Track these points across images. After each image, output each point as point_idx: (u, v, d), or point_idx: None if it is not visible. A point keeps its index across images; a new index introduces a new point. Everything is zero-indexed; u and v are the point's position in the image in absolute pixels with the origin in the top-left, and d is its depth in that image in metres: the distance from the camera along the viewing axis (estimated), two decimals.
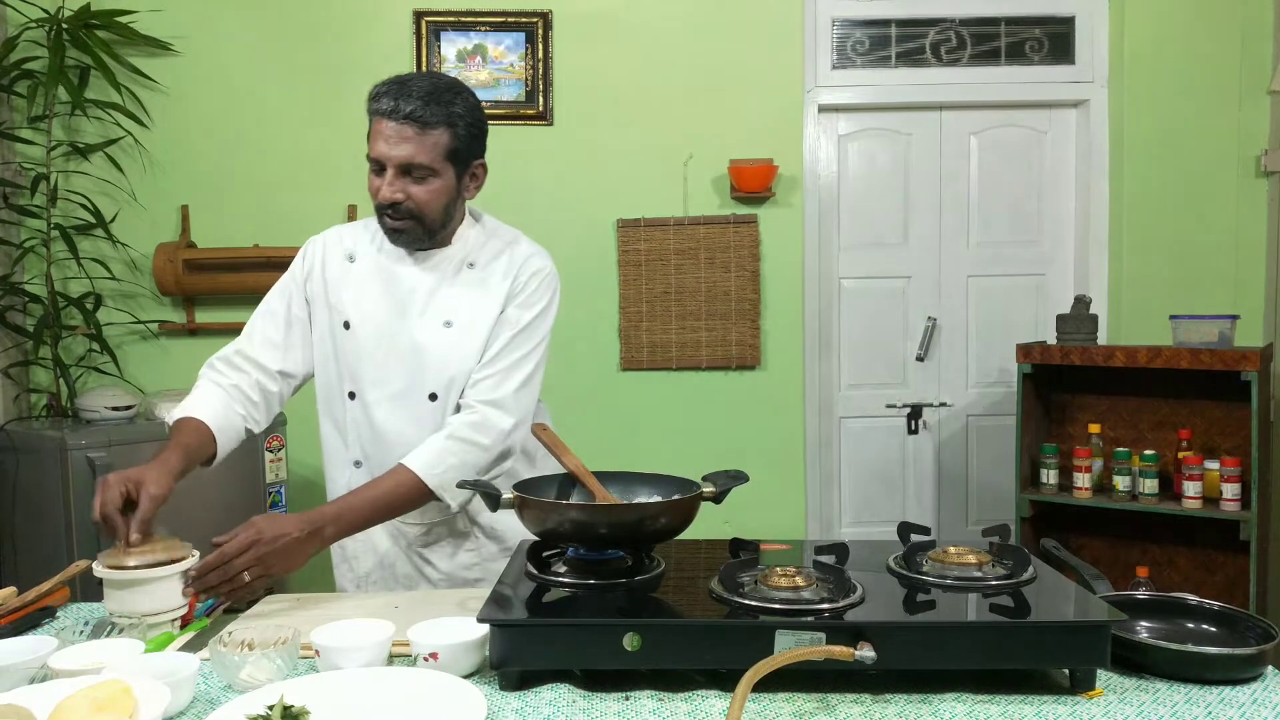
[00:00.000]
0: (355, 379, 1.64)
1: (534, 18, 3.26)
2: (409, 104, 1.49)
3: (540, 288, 1.66)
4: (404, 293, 1.63)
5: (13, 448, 2.73)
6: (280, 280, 1.73)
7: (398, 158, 1.51)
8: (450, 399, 1.63)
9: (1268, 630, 1.16)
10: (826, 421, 3.47)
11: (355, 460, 1.68)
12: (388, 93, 1.51)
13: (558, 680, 1.12)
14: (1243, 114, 3.28)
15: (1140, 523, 2.99)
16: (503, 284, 1.64)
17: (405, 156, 1.51)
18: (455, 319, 1.63)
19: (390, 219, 1.56)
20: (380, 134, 1.51)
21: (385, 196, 1.53)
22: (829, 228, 3.44)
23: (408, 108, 1.49)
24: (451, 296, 1.64)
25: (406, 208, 1.54)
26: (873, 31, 3.39)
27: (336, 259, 1.68)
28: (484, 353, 1.62)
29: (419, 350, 1.62)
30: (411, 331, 1.62)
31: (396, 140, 1.50)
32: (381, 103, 1.51)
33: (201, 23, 3.20)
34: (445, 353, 1.62)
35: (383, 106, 1.51)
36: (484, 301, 1.64)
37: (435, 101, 1.51)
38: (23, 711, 0.98)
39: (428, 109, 1.50)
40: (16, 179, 3.11)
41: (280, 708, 0.99)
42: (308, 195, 3.25)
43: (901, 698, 1.08)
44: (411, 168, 1.52)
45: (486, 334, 1.63)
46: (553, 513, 1.29)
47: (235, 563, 1.34)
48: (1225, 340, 2.80)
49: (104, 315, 3.15)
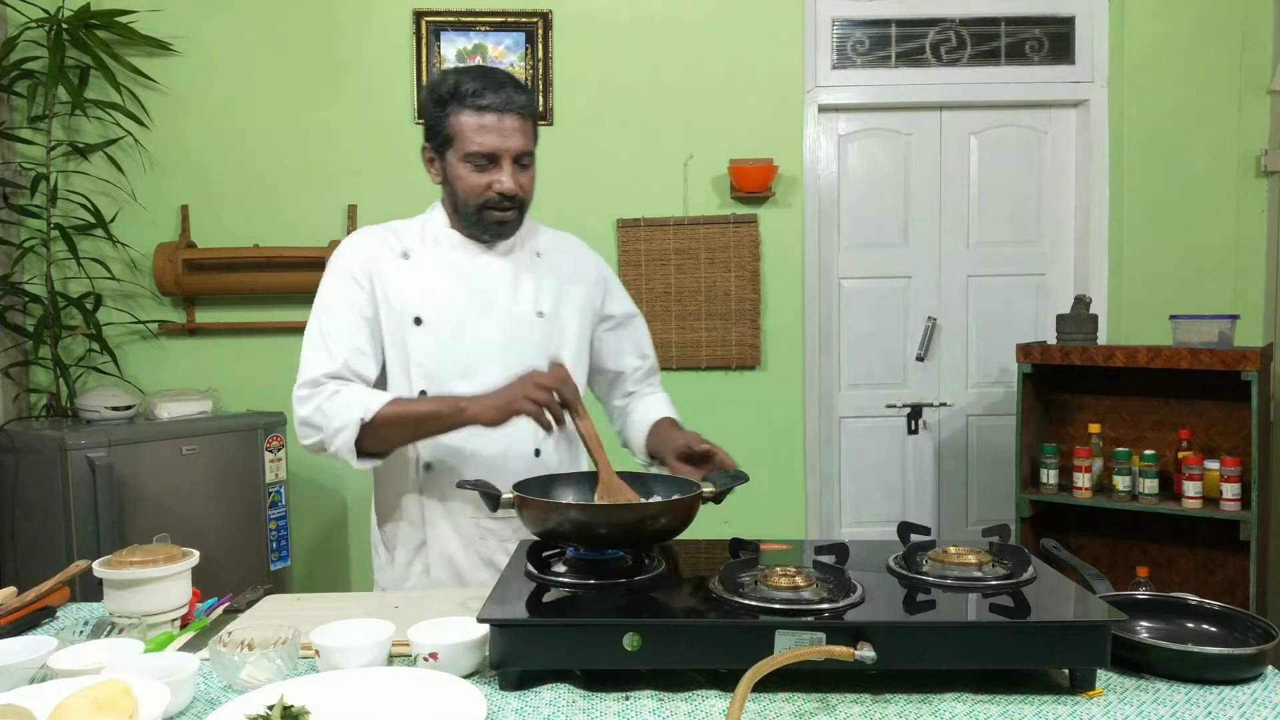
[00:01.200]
0: (430, 377, 1.58)
1: (534, 18, 3.26)
2: (519, 95, 1.53)
3: (615, 276, 1.84)
4: (484, 283, 1.61)
5: (13, 448, 2.73)
6: (330, 288, 1.61)
7: (514, 148, 1.54)
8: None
9: (1268, 630, 1.16)
10: (826, 421, 3.47)
11: (426, 463, 1.62)
12: (486, 87, 1.52)
13: (558, 680, 1.12)
14: (1243, 114, 3.28)
15: (1140, 523, 2.99)
16: (578, 278, 1.72)
17: (520, 146, 1.55)
18: (545, 309, 1.64)
19: (504, 211, 1.57)
20: (487, 128, 1.52)
21: (509, 188, 1.54)
22: (829, 228, 3.44)
23: (520, 98, 1.53)
24: (535, 286, 1.65)
25: (519, 198, 1.57)
26: (873, 31, 3.39)
27: (387, 258, 1.62)
28: (616, 353, 1.78)
29: (510, 342, 1.59)
30: (500, 322, 1.60)
31: (510, 131, 1.53)
32: (485, 98, 1.51)
33: (201, 23, 3.20)
34: (541, 341, 1.62)
35: (488, 101, 1.51)
36: (567, 293, 1.68)
37: (526, 91, 1.56)
38: (23, 711, 0.98)
39: (529, 99, 1.55)
40: (16, 179, 3.11)
41: (280, 708, 0.99)
42: (308, 195, 3.25)
43: (901, 698, 1.08)
44: (522, 156, 1.55)
45: (575, 327, 1.68)
46: (553, 513, 1.29)
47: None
48: (1225, 340, 2.80)
49: (104, 315, 3.15)
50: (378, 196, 3.24)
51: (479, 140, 1.52)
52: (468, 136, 1.53)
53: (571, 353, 1.67)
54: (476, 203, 1.57)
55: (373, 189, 3.25)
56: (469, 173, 1.55)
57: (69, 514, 2.56)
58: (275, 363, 3.26)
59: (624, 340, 1.81)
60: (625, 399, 1.83)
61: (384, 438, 1.53)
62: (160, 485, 2.72)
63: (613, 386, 1.84)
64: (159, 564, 1.31)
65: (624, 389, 1.83)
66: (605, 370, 1.81)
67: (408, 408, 1.52)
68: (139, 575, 1.29)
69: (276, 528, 2.95)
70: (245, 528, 2.88)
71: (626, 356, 1.81)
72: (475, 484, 1.36)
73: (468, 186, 1.56)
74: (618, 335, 1.80)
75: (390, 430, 1.51)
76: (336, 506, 3.33)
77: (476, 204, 1.57)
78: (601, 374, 1.82)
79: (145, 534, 2.62)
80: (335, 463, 3.63)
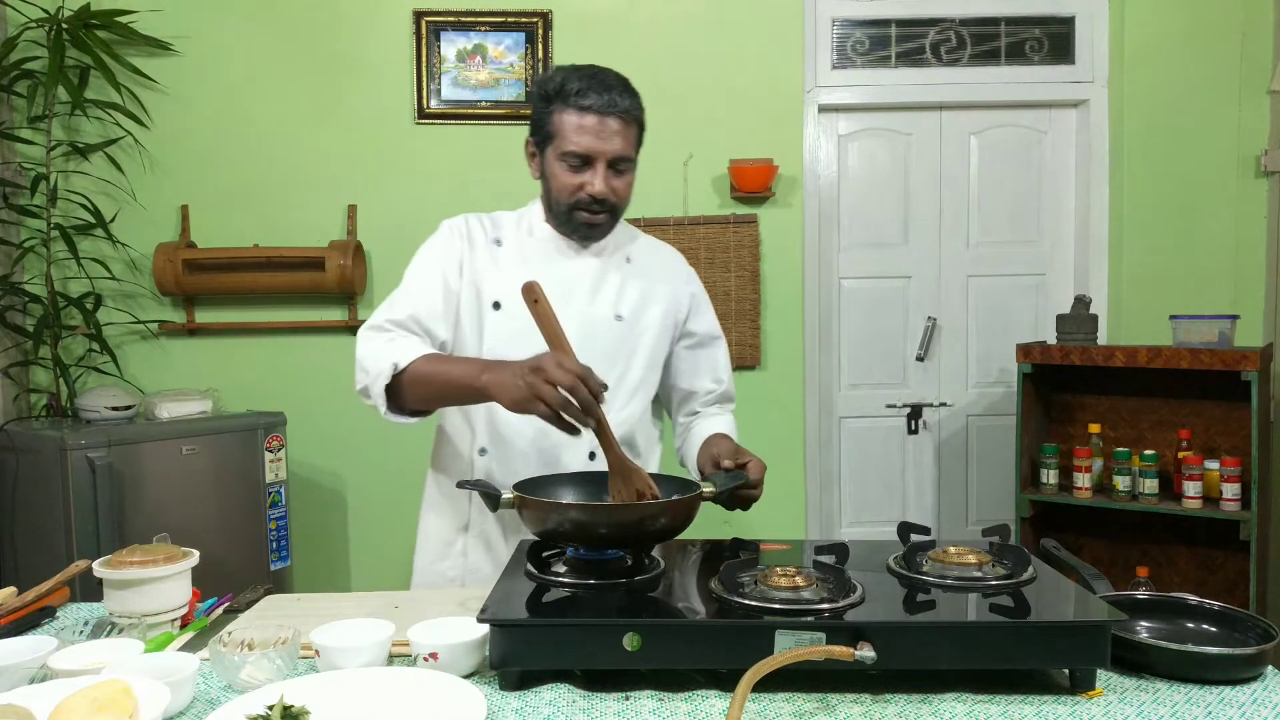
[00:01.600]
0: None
1: (534, 18, 3.26)
2: (624, 98, 1.52)
3: (706, 295, 1.82)
4: (568, 277, 1.61)
5: (13, 448, 2.73)
6: (425, 255, 1.64)
7: (611, 151, 1.53)
8: (618, 395, 1.61)
9: (1268, 630, 1.16)
10: (826, 421, 3.47)
11: (481, 447, 1.63)
12: (591, 87, 1.51)
13: (558, 680, 1.12)
14: (1243, 114, 3.28)
15: (1140, 523, 3.00)
16: (666, 288, 1.70)
17: (618, 150, 1.53)
18: (625, 313, 1.63)
19: (594, 213, 1.56)
20: (586, 129, 1.51)
21: (600, 191, 1.54)
22: (829, 228, 3.44)
23: (624, 102, 1.52)
24: (618, 289, 1.64)
25: (610, 203, 1.56)
26: (873, 31, 3.39)
27: (482, 241, 1.65)
28: (695, 369, 1.76)
29: (587, 338, 1.57)
30: (579, 316, 1.59)
31: (609, 134, 1.52)
32: (589, 98, 1.50)
33: (201, 23, 3.20)
34: (615, 346, 1.62)
35: (591, 102, 1.50)
36: (650, 300, 1.66)
37: (632, 94, 1.55)
38: (23, 711, 0.98)
39: (633, 103, 1.54)
40: (16, 179, 3.11)
41: (280, 708, 0.99)
42: (308, 195, 3.25)
43: (901, 698, 1.08)
44: (619, 160, 1.54)
45: (653, 335, 1.66)
46: (553, 513, 1.29)
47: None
48: (1225, 340, 2.80)
49: (104, 315, 3.15)
50: (378, 196, 3.24)
51: (576, 140, 1.52)
52: (566, 135, 1.53)
53: (645, 360, 1.67)
54: (568, 202, 1.57)
55: (373, 189, 3.25)
56: (563, 171, 1.55)
57: (69, 514, 2.56)
58: (275, 363, 3.26)
59: (701, 361, 1.79)
60: (690, 417, 1.81)
61: (413, 393, 1.51)
62: (160, 485, 2.72)
63: (681, 405, 1.82)
64: (159, 564, 1.31)
65: (691, 408, 1.81)
66: (677, 388, 1.79)
67: (437, 366, 1.49)
68: (139, 575, 1.29)
69: (276, 528, 2.95)
70: (245, 528, 2.88)
71: (701, 379, 1.79)
72: (475, 484, 1.36)
73: (561, 185, 1.56)
74: (696, 355, 1.78)
75: (418, 386, 1.49)
76: (336, 506, 3.33)
77: (568, 203, 1.57)
78: (673, 390, 1.80)
79: (145, 534, 2.62)
80: (335, 463, 3.63)
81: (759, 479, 1.53)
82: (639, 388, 1.68)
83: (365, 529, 3.33)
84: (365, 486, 3.31)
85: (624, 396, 1.65)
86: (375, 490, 3.30)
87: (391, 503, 3.28)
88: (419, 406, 1.55)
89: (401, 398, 1.52)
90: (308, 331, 3.26)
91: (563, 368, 1.28)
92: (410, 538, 1.77)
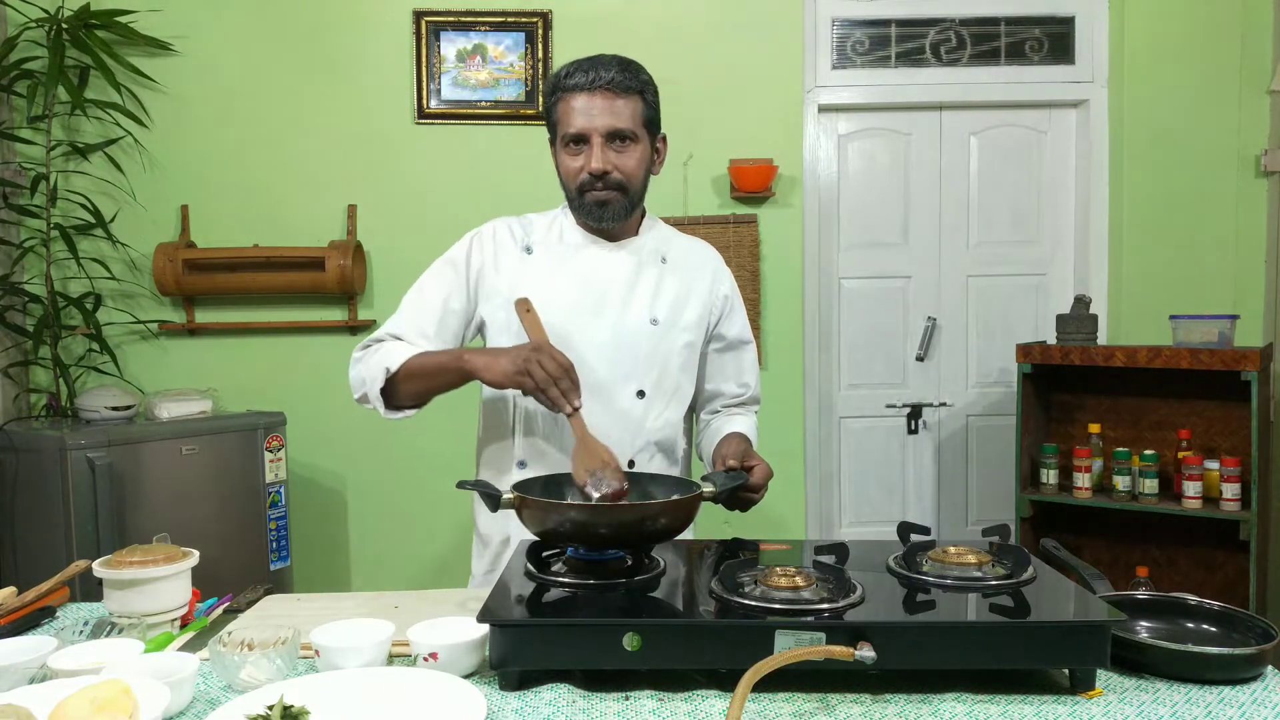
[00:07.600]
0: None
1: (534, 18, 3.26)
2: (607, 72, 1.51)
3: (740, 298, 1.79)
4: (601, 281, 1.60)
5: (13, 448, 2.73)
6: (437, 268, 1.66)
7: (602, 125, 1.52)
8: (655, 401, 1.61)
9: (1268, 630, 1.16)
10: (826, 421, 3.47)
11: (520, 460, 1.63)
12: (579, 69, 1.52)
13: (558, 680, 1.12)
14: (1243, 114, 3.28)
15: (1140, 523, 3.00)
16: (702, 289, 1.69)
17: (609, 124, 1.52)
18: (660, 316, 1.62)
19: (598, 191, 1.55)
20: (577, 109, 1.52)
21: (595, 166, 1.53)
22: (829, 228, 3.44)
23: (607, 75, 1.51)
24: (653, 291, 1.63)
25: (614, 179, 1.55)
26: (873, 31, 3.39)
27: (511, 251, 1.64)
28: (721, 370, 1.76)
29: (623, 344, 1.58)
30: (613, 323, 1.59)
31: (599, 110, 1.51)
32: (575, 78, 1.52)
33: (201, 23, 3.20)
34: (652, 349, 1.61)
35: (578, 81, 1.51)
36: (686, 302, 1.65)
37: (627, 69, 1.54)
38: (23, 711, 0.98)
39: (623, 75, 1.53)
40: (16, 179, 3.11)
41: (280, 708, 0.99)
42: (308, 195, 3.25)
43: (901, 698, 1.08)
44: (615, 134, 1.53)
45: (689, 338, 1.65)
46: (553, 513, 1.29)
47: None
48: (1225, 340, 2.80)
49: (104, 315, 3.16)
50: (378, 196, 3.24)
51: (570, 122, 1.53)
52: (563, 120, 1.54)
53: (680, 363, 1.66)
54: (575, 186, 1.57)
55: (373, 189, 3.25)
56: (567, 157, 1.56)
57: (69, 514, 2.56)
58: (275, 363, 3.26)
59: (728, 365, 1.78)
60: (712, 415, 1.81)
61: (407, 390, 1.55)
62: (160, 485, 2.72)
63: (705, 404, 1.81)
64: (159, 564, 1.31)
65: (713, 408, 1.81)
66: (703, 388, 1.79)
67: (424, 360, 1.53)
68: (139, 575, 1.29)
69: (276, 528, 2.95)
70: (245, 528, 2.88)
71: (727, 382, 1.78)
72: (475, 484, 1.36)
73: (566, 170, 1.57)
74: (723, 358, 1.77)
75: (410, 382, 1.53)
76: (336, 506, 3.33)
77: (575, 187, 1.57)
78: (699, 391, 1.79)
79: (145, 534, 2.61)
80: (335, 463, 3.64)
81: (761, 483, 1.53)
82: (675, 392, 1.67)
83: (365, 529, 3.32)
84: (365, 486, 3.31)
85: (661, 402, 1.64)
86: (375, 490, 3.30)
87: (391, 503, 3.28)
88: (412, 402, 1.58)
89: (397, 397, 1.56)
90: (308, 331, 3.26)
91: (555, 359, 1.40)
92: (410, 537, 1.77)
